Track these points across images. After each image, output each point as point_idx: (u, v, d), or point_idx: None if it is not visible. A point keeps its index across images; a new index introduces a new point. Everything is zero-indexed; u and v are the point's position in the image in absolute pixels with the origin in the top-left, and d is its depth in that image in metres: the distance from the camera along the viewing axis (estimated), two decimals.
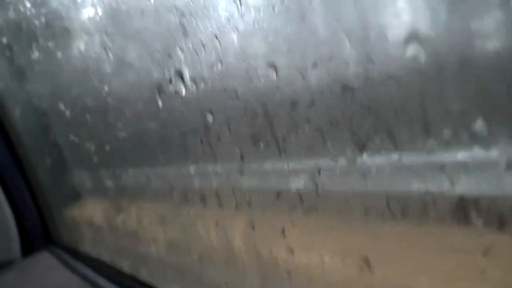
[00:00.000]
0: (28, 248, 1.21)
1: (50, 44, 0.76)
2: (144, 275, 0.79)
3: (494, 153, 0.24)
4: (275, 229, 0.42)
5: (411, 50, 0.26)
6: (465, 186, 0.26)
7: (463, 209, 0.27)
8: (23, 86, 1.02)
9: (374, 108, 0.29)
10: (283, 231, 0.41)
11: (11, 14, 0.85)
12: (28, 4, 0.75)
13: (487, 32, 0.22)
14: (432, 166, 0.27)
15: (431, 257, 0.30)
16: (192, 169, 0.52)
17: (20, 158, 1.22)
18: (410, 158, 0.29)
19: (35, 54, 0.85)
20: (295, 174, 0.38)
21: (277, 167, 0.39)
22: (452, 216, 0.27)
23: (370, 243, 0.34)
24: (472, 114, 0.24)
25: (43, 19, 0.74)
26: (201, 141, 0.47)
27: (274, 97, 0.36)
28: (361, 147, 0.31)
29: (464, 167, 0.26)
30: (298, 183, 0.38)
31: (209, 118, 0.44)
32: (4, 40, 0.97)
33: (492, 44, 0.22)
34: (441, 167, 0.27)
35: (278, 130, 0.37)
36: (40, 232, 1.24)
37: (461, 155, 0.25)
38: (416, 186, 0.29)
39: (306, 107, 0.34)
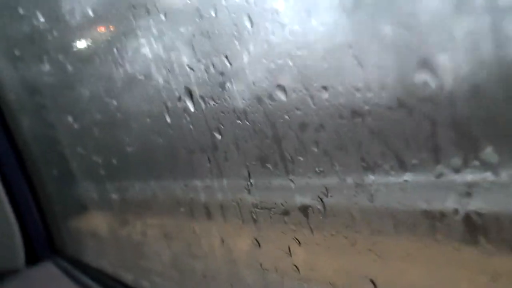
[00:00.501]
0: (33, 257, 1.21)
1: (61, 57, 0.77)
2: None
3: (504, 177, 0.24)
4: (281, 247, 0.42)
5: (422, 77, 0.26)
6: (474, 208, 0.26)
7: (471, 232, 0.26)
8: (33, 97, 1.03)
9: (383, 134, 0.29)
10: (289, 250, 0.41)
11: (25, 27, 0.86)
12: (41, 19, 0.76)
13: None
14: (440, 188, 0.27)
15: (439, 280, 0.30)
16: (198, 186, 0.52)
17: (27, 168, 1.22)
18: (418, 180, 0.29)
19: (46, 67, 0.86)
20: (302, 193, 0.38)
21: (284, 187, 0.39)
22: (461, 238, 0.27)
23: (376, 264, 0.33)
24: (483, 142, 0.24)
25: (55, 33, 0.75)
26: (209, 159, 0.48)
27: (283, 119, 0.36)
28: (370, 171, 0.31)
29: (473, 190, 0.26)
30: (304, 203, 0.38)
31: (218, 137, 0.45)
32: (17, 52, 0.98)
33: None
34: (450, 189, 0.27)
35: (286, 152, 0.37)
36: (44, 242, 1.24)
37: (471, 178, 0.25)
38: (424, 207, 0.29)
39: (315, 130, 0.34)
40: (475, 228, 0.26)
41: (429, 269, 0.30)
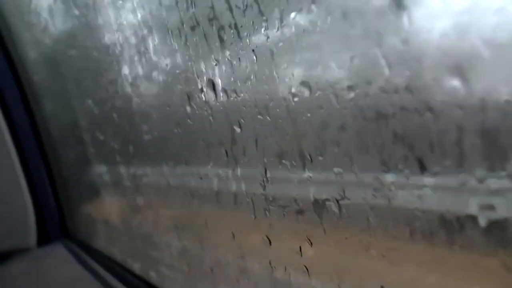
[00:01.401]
0: (44, 238, 1.23)
1: (87, 42, 0.78)
2: (153, 279, 0.79)
3: None
4: (292, 247, 0.42)
5: (452, 82, 0.25)
6: (496, 220, 0.25)
7: (491, 244, 0.26)
8: (57, 80, 1.04)
9: (407, 138, 0.28)
10: (300, 250, 0.41)
11: (52, 12, 0.87)
12: (75, 10, 0.77)
13: None
14: (462, 197, 0.26)
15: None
16: (213, 179, 0.52)
17: (45, 149, 1.24)
18: (439, 187, 0.28)
19: (72, 51, 0.87)
20: (318, 193, 0.37)
21: (300, 185, 0.39)
22: (480, 250, 0.26)
23: (390, 269, 0.33)
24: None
25: (83, 19, 0.76)
26: (226, 152, 0.47)
27: (305, 116, 0.36)
28: (390, 175, 0.30)
29: (497, 201, 0.25)
30: (320, 203, 0.37)
31: (237, 131, 0.44)
32: (47, 40, 0.99)
33: None
34: (472, 199, 0.26)
35: (305, 150, 0.37)
36: (57, 224, 1.25)
37: (494, 188, 0.25)
38: (443, 216, 0.28)
39: (337, 130, 0.33)
40: (495, 241, 0.25)
41: (443, 281, 0.30)
